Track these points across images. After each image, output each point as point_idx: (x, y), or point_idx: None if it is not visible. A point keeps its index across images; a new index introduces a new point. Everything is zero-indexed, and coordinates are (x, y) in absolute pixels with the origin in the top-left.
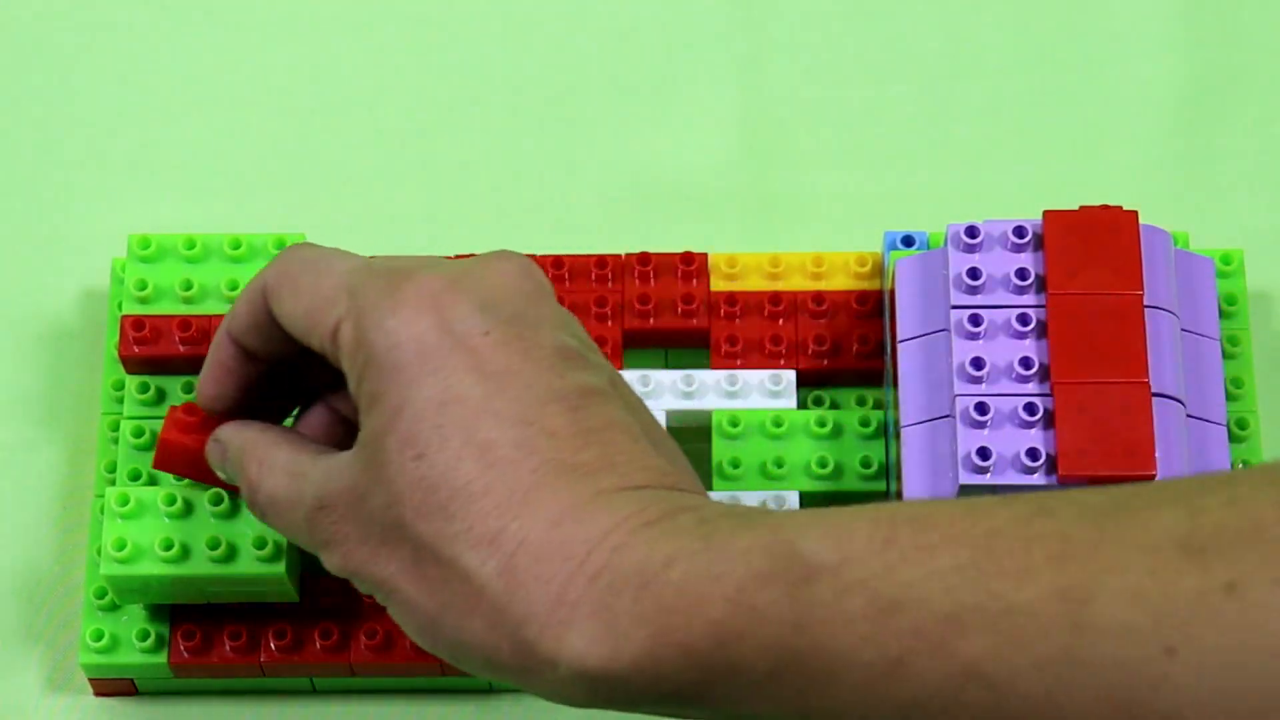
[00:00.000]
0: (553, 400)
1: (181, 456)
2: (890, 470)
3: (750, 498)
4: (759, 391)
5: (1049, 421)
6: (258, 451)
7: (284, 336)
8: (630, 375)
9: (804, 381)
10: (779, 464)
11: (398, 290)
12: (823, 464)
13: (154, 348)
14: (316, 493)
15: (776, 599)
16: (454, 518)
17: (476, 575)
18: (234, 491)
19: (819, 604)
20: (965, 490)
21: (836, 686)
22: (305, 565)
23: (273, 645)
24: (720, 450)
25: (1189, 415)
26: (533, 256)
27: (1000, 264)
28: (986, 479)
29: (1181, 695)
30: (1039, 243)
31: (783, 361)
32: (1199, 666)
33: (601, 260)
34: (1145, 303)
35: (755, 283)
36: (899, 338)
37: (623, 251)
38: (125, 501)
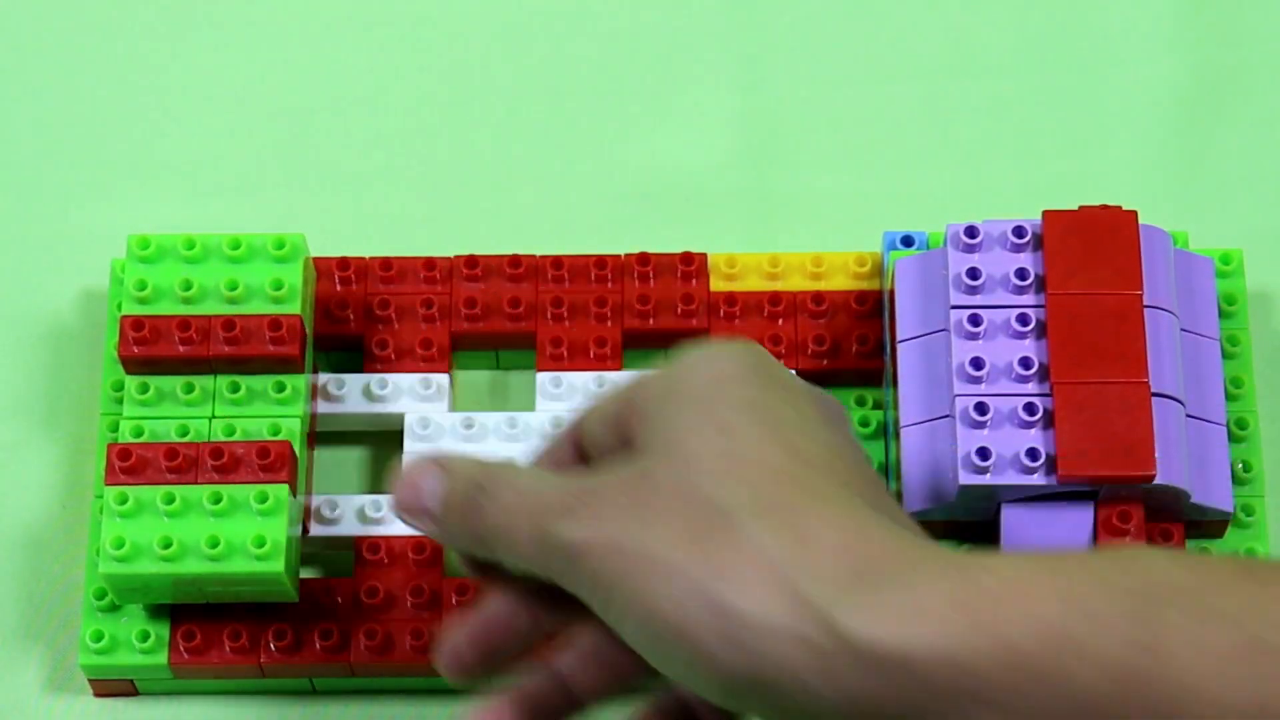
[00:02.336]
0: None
1: None
2: (890, 470)
3: None
4: None
5: (1049, 421)
6: (494, 471)
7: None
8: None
9: None
10: None
11: (671, 386)
12: None
13: (153, 348)
14: (571, 486)
15: (1121, 611)
16: (755, 486)
17: (763, 542)
18: None
19: (1173, 627)
20: (965, 490)
21: None
22: (305, 566)
23: (273, 645)
24: None
25: (1189, 415)
26: (533, 257)
27: (1000, 264)
28: (986, 479)
29: None
30: (1038, 243)
31: (783, 361)
32: None
33: (601, 260)
34: (1145, 303)
35: (755, 283)
36: (898, 338)
37: (622, 251)
38: (124, 500)
